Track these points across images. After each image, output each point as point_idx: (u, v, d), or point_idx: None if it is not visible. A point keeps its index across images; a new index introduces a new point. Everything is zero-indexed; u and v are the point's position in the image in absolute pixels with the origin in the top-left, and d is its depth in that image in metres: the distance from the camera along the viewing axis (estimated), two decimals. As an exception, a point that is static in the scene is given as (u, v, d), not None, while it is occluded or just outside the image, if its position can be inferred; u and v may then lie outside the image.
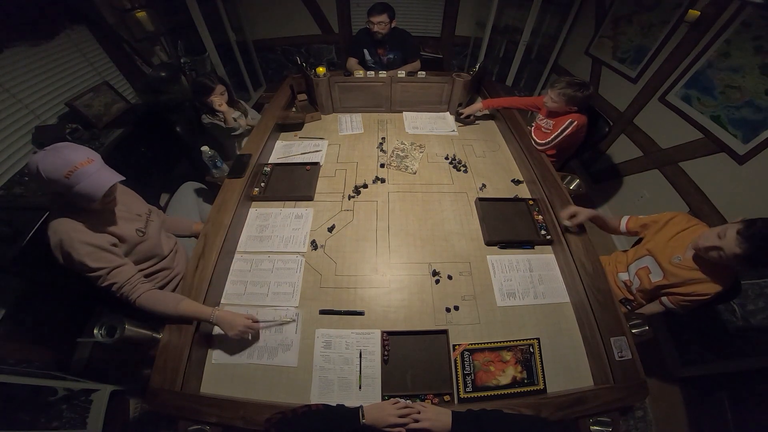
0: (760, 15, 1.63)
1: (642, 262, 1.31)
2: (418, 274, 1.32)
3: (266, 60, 4.01)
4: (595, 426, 0.94)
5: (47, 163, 0.88)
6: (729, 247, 0.98)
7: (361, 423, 0.80)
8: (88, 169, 0.92)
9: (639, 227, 1.36)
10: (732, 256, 0.97)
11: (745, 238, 0.95)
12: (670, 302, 1.23)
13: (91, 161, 0.94)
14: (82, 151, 0.94)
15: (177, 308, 1.04)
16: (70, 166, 0.89)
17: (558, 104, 1.74)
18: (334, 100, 2.19)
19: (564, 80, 1.72)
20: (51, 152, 0.89)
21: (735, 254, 0.96)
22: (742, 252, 0.95)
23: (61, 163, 0.89)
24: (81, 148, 0.96)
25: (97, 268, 1.00)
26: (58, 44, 2.08)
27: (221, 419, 0.90)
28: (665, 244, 1.23)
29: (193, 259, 1.22)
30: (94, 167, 0.94)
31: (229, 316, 1.06)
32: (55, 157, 0.89)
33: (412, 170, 1.77)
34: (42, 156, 0.89)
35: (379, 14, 2.20)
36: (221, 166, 1.68)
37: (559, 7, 3.18)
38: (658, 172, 2.22)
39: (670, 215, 1.28)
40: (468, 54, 3.87)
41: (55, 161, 0.88)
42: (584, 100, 1.72)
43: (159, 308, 1.05)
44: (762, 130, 1.61)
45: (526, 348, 1.12)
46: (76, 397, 1.50)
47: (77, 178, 0.90)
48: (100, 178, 0.95)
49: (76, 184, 0.91)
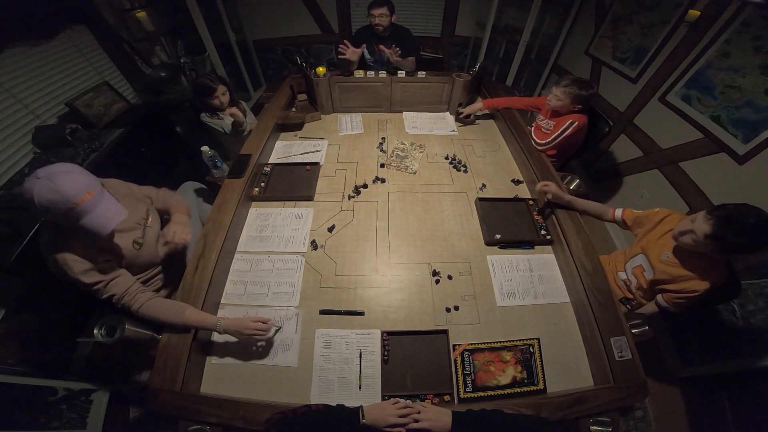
0: (760, 15, 1.63)
1: (636, 261, 1.32)
2: (418, 274, 1.32)
3: (266, 60, 4.02)
4: (595, 426, 0.94)
5: (43, 198, 0.81)
6: (699, 228, 1.00)
7: (361, 423, 0.80)
8: (88, 205, 0.86)
9: (632, 221, 1.35)
10: (703, 237, 0.99)
11: (713, 216, 0.98)
12: (664, 301, 1.24)
13: (90, 194, 0.86)
14: (80, 182, 0.86)
15: (182, 318, 1.02)
16: (68, 203, 0.83)
17: (563, 102, 1.74)
18: (334, 100, 2.19)
19: (569, 78, 1.72)
20: (45, 183, 0.81)
21: (705, 234, 0.98)
22: (711, 230, 0.97)
23: (59, 200, 0.82)
24: (77, 175, 0.87)
25: (94, 283, 0.99)
26: (58, 44, 2.08)
27: (221, 419, 0.90)
28: (655, 242, 1.24)
29: (193, 259, 1.22)
30: (95, 201, 0.88)
31: (236, 323, 1.03)
32: (51, 193, 0.81)
33: (412, 170, 1.77)
34: (37, 187, 0.80)
35: (379, 6, 2.21)
36: (221, 166, 1.68)
37: (559, 7, 3.19)
38: (658, 172, 2.22)
39: (663, 213, 1.27)
40: (468, 54, 3.87)
41: (52, 198, 0.81)
42: (588, 99, 1.72)
43: (162, 318, 1.03)
44: (762, 130, 1.61)
45: (526, 348, 1.12)
46: (76, 397, 1.50)
47: (78, 214, 0.85)
48: (105, 216, 0.89)
49: (78, 220, 0.86)
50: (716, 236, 0.97)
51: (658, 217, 1.28)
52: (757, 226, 0.94)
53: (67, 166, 0.88)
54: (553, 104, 1.77)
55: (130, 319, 1.05)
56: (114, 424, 1.58)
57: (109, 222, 0.91)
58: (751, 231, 0.94)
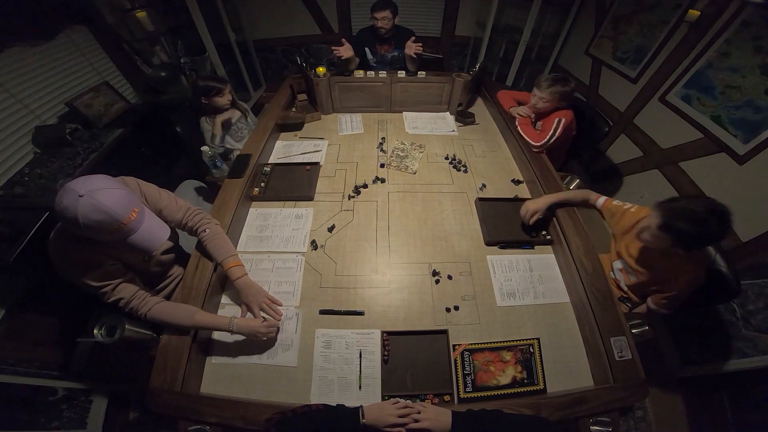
0: (760, 15, 1.63)
1: (618, 264, 1.34)
2: (418, 274, 1.32)
3: (266, 60, 4.02)
4: (595, 426, 0.94)
5: (90, 220, 0.79)
6: (652, 221, 1.02)
7: (361, 423, 0.80)
8: (134, 224, 0.86)
9: (608, 215, 1.35)
10: (656, 230, 1.01)
11: (661, 207, 1.01)
12: (653, 304, 1.25)
13: (135, 212, 0.87)
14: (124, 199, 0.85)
15: (192, 321, 1.02)
16: (116, 224, 0.83)
17: (550, 103, 1.76)
18: (334, 100, 2.19)
19: (548, 78, 1.73)
20: (89, 202, 0.79)
21: (657, 225, 1.00)
22: (660, 221, 0.99)
23: (107, 220, 0.81)
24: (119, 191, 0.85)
25: (101, 286, 0.99)
26: (58, 44, 2.08)
27: (221, 419, 0.90)
28: (632, 247, 1.25)
29: (193, 259, 1.22)
30: (140, 218, 0.88)
31: (249, 323, 1.06)
32: (98, 213, 0.80)
33: (412, 170, 1.77)
34: (81, 207, 0.78)
35: (382, 10, 2.21)
36: (221, 166, 1.69)
37: (559, 7, 3.18)
38: (658, 172, 2.22)
39: (637, 215, 1.23)
40: (468, 54, 3.87)
41: (100, 219, 0.80)
42: (572, 93, 1.75)
43: (172, 321, 1.03)
44: (762, 130, 1.61)
45: (526, 348, 1.12)
46: (76, 397, 1.50)
47: (125, 233, 0.86)
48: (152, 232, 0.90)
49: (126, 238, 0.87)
50: (667, 226, 0.98)
51: (632, 218, 1.24)
52: (706, 213, 0.94)
53: (104, 181, 0.85)
54: (540, 106, 1.79)
55: (134, 320, 1.05)
56: (114, 424, 1.58)
57: (157, 239, 0.92)
58: (701, 219, 0.94)
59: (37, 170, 1.78)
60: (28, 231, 1.33)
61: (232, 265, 1.16)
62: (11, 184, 1.71)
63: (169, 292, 1.30)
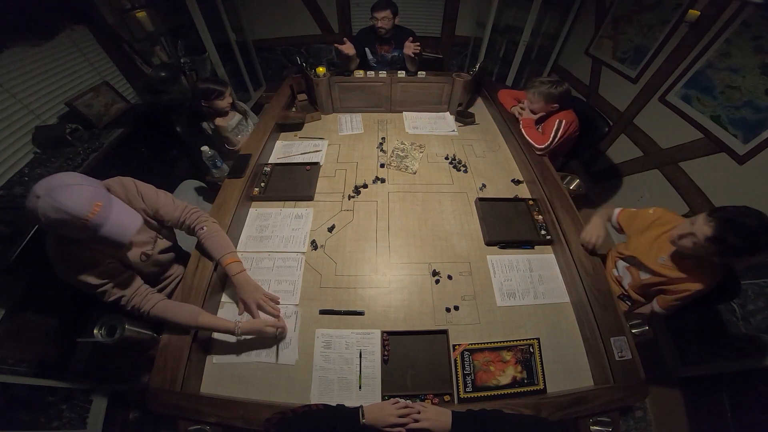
0: (760, 15, 1.63)
1: (630, 261, 1.33)
2: (418, 274, 1.32)
3: (266, 60, 4.01)
4: (595, 426, 0.94)
5: (51, 219, 0.79)
6: (700, 231, 1.00)
7: (361, 423, 0.80)
8: (99, 218, 0.84)
9: (625, 222, 1.35)
10: (704, 239, 0.99)
11: (714, 218, 0.98)
12: (659, 306, 1.24)
13: (98, 206, 0.83)
14: (84, 195, 0.82)
15: (197, 322, 1.02)
16: (79, 221, 0.81)
17: (538, 104, 1.77)
18: (334, 100, 2.19)
19: (536, 81, 1.75)
20: (47, 202, 0.77)
21: (706, 236, 0.98)
22: (712, 233, 0.97)
23: (68, 218, 0.79)
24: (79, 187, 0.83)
25: (101, 284, 0.98)
26: (58, 44, 2.08)
27: (221, 419, 0.90)
28: (650, 246, 1.24)
29: (193, 259, 1.22)
30: (105, 212, 0.85)
31: (255, 324, 1.07)
32: (56, 212, 0.78)
33: (412, 170, 1.77)
34: (41, 207, 0.78)
35: (382, 10, 2.22)
36: (221, 166, 1.69)
37: (559, 7, 3.18)
38: (658, 172, 2.22)
39: (654, 215, 1.27)
40: (468, 54, 3.87)
41: (60, 217, 0.78)
42: (562, 96, 1.74)
43: (176, 320, 1.03)
44: (762, 130, 1.61)
45: (526, 348, 1.12)
46: (76, 397, 1.50)
47: (93, 228, 0.84)
48: (121, 224, 0.88)
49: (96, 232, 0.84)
50: (717, 239, 0.97)
51: (651, 218, 1.27)
52: (759, 229, 0.94)
53: (64, 178, 0.83)
54: (533, 108, 1.81)
55: (134, 320, 1.04)
56: (114, 424, 1.58)
57: (128, 230, 0.90)
58: (753, 233, 0.94)
59: (38, 170, 1.78)
60: (28, 231, 1.32)
61: (230, 261, 1.17)
62: (11, 184, 1.71)
63: (169, 292, 1.30)
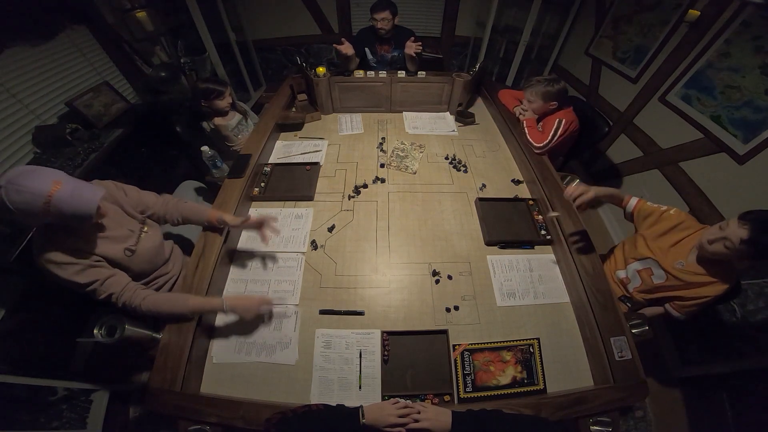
0: (760, 15, 1.63)
1: (644, 264, 1.30)
2: (418, 274, 1.32)
3: (266, 60, 4.01)
4: (595, 426, 0.94)
5: (16, 203, 0.81)
6: (734, 234, 0.99)
7: (361, 423, 0.80)
8: (62, 194, 0.85)
9: (640, 215, 1.32)
10: (738, 242, 0.98)
11: (748, 221, 0.98)
12: (674, 310, 1.24)
13: (57, 183, 0.85)
14: (43, 175, 0.85)
15: (187, 306, 1.05)
16: (41, 199, 0.82)
17: (537, 104, 1.78)
18: (334, 100, 2.19)
19: (533, 80, 1.77)
20: (10, 188, 0.81)
21: (741, 239, 0.98)
22: (747, 235, 0.97)
23: (31, 198, 0.82)
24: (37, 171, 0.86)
25: (89, 283, 0.98)
26: (58, 44, 2.08)
27: (221, 419, 0.90)
28: (669, 249, 1.23)
29: (193, 259, 1.22)
30: (65, 187, 0.86)
31: (241, 301, 1.11)
32: (19, 194, 0.81)
33: (412, 170, 1.77)
34: (4, 195, 0.80)
35: (382, 11, 2.22)
36: (221, 166, 1.69)
37: (559, 7, 3.18)
38: (658, 172, 2.22)
39: (676, 218, 1.24)
40: (468, 54, 3.87)
41: (24, 199, 0.81)
42: (560, 93, 1.74)
43: (168, 310, 1.04)
44: (762, 130, 1.61)
45: (526, 348, 1.12)
46: (76, 397, 1.50)
47: (57, 206, 0.85)
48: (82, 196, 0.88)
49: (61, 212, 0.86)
50: (753, 241, 0.97)
51: (673, 221, 1.24)
52: None
53: (22, 168, 0.87)
54: (531, 107, 1.82)
55: (131, 317, 1.05)
56: (114, 424, 1.58)
57: (91, 200, 0.90)
58: None
59: (37, 170, 1.78)
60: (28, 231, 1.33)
61: (216, 214, 1.28)
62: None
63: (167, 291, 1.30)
